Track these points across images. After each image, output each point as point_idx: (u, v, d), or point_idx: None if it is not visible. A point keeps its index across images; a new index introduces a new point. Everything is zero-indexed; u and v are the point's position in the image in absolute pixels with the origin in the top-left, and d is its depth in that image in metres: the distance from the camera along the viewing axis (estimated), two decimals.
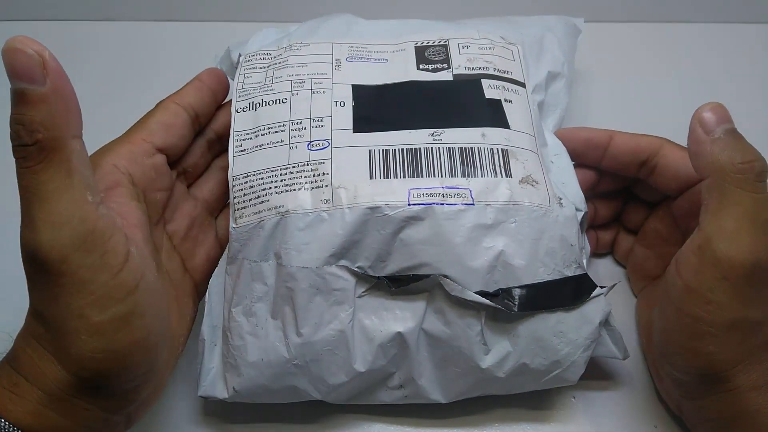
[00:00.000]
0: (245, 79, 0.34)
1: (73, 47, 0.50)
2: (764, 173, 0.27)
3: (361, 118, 0.32)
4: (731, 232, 0.26)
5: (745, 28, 0.52)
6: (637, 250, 0.36)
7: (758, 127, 0.46)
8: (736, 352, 0.27)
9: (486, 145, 0.31)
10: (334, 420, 0.33)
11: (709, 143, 0.27)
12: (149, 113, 0.31)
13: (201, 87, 0.33)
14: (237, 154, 0.31)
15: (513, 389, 0.31)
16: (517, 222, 0.29)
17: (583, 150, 0.34)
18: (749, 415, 0.27)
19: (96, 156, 0.28)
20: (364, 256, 0.29)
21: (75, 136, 0.24)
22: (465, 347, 0.29)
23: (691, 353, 0.27)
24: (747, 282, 0.26)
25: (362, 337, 0.29)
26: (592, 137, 0.34)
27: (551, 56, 0.37)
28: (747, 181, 0.26)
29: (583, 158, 0.35)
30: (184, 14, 0.52)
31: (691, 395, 0.30)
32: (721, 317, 0.26)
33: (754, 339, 0.27)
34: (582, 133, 0.34)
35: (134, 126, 0.30)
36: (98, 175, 0.27)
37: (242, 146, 0.31)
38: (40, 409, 0.24)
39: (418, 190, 0.29)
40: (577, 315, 0.30)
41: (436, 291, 0.29)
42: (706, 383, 0.28)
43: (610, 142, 0.34)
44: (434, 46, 0.35)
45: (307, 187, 0.29)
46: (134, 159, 0.29)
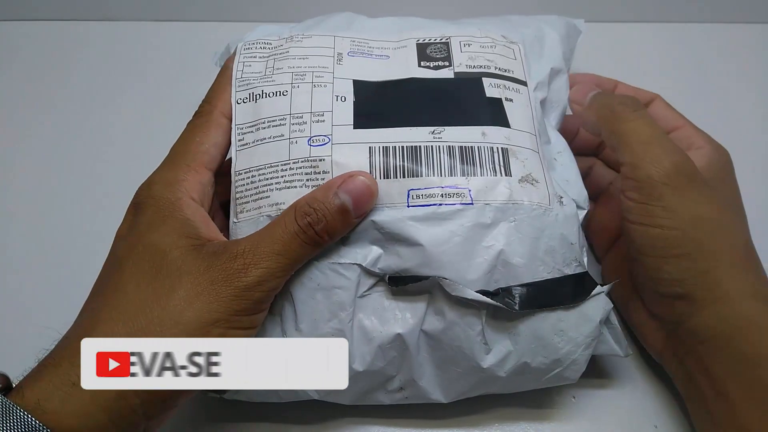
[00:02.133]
0: (244, 67, 0.33)
1: (73, 47, 0.50)
2: (636, 102, 0.33)
3: (361, 114, 0.31)
4: (644, 153, 0.30)
5: (745, 28, 0.52)
6: (600, 213, 0.38)
7: (758, 127, 0.46)
8: (713, 250, 0.29)
9: (486, 143, 0.30)
10: (333, 421, 0.33)
11: (586, 109, 0.34)
12: (203, 128, 0.31)
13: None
14: (240, 149, 0.31)
15: (514, 388, 0.31)
16: (516, 221, 0.29)
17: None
18: (753, 323, 0.28)
19: (173, 191, 0.28)
20: (363, 255, 0.29)
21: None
22: (466, 347, 0.29)
23: (672, 259, 0.30)
24: (685, 182, 0.30)
25: (362, 337, 0.29)
26: (602, 81, 0.38)
27: (553, 53, 0.37)
28: (628, 113, 0.32)
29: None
30: (184, 14, 0.52)
31: (683, 316, 0.30)
32: (681, 217, 0.29)
33: (729, 239, 0.30)
34: (593, 77, 0.39)
35: (191, 144, 0.30)
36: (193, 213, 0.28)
37: (244, 140, 0.31)
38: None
39: (418, 191, 0.29)
40: (577, 313, 0.30)
41: (437, 291, 0.29)
42: (697, 295, 0.29)
43: (615, 88, 0.38)
44: (436, 44, 0.35)
45: (308, 185, 0.29)
46: (203, 191, 0.29)
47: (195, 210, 0.28)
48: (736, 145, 0.35)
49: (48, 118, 0.47)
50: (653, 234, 0.30)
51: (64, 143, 0.45)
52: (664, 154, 0.30)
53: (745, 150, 0.32)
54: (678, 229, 0.29)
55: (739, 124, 0.46)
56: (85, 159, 0.44)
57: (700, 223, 0.29)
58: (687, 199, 0.30)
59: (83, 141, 0.45)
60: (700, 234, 0.29)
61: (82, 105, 0.47)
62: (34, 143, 0.46)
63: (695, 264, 0.29)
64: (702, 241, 0.29)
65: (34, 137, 0.46)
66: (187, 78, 0.47)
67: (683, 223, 0.29)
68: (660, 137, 0.31)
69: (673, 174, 0.30)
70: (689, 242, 0.29)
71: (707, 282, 0.29)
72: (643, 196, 0.30)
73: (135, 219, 0.28)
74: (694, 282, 0.29)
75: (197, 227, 0.27)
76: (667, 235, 0.29)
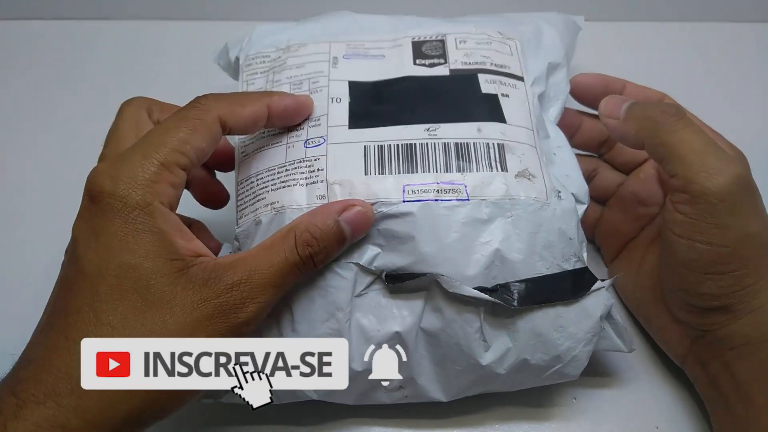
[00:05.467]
0: (248, 86, 0.34)
1: (73, 46, 0.51)
2: (679, 108, 0.31)
3: (356, 114, 0.31)
4: (699, 165, 0.28)
5: (745, 28, 0.51)
6: (610, 216, 0.37)
7: (758, 127, 0.46)
8: (758, 266, 0.28)
9: (482, 139, 0.30)
10: (333, 421, 0.33)
11: (623, 122, 0.31)
12: (192, 126, 0.26)
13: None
14: (242, 159, 0.32)
15: (514, 386, 0.31)
16: (513, 216, 0.29)
17: (601, 92, 0.35)
18: None
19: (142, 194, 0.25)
20: (359, 253, 0.29)
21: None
22: (464, 344, 0.29)
23: (716, 276, 0.28)
24: (739, 197, 0.28)
25: (359, 336, 0.29)
26: (611, 82, 0.36)
27: (551, 48, 0.36)
28: (674, 122, 0.29)
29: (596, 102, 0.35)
30: (184, 13, 0.52)
31: (715, 326, 0.30)
32: (732, 235, 0.28)
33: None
34: (601, 77, 0.37)
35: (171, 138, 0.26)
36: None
37: (245, 151, 0.32)
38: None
39: (413, 186, 0.29)
40: (577, 309, 0.29)
41: (434, 289, 0.29)
42: (735, 307, 0.29)
43: (624, 88, 0.36)
44: (431, 41, 0.35)
45: (303, 183, 0.29)
46: (175, 195, 0.26)
47: (168, 219, 0.25)
48: (737, 145, 0.35)
49: (48, 118, 0.47)
50: (700, 249, 0.28)
51: (64, 143, 0.45)
52: (720, 166, 0.28)
53: (746, 150, 0.31)
54: (728, 246, 0.28)
55: (739, 124, 0.45)
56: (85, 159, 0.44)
57: (749, 241, 0.28)
58: (740, 215, 0.28)
59: (83, 141, 0.45)
60: (748, 251, 0.28)
61: (83, 104, 0.48)
62: (34, 143, 0.46)
63: (739, 281, 0.28)
64: (749, 258, 0.28)
65: (35, 137, 0.46)
66: (188, 77, 0.48)
67: (733, 241, 0.28)
68: (713, 147, 0.29)
69: (730, 190, 0.28)
70: (737, 260, 0.28)
71: (747, 295, 0.28)
72: (695, 211, 0.28)
73: (97, 223, 0.25)
74: (733, 297, 0.29)
75: (174, 242, 0.25)
76: (716, 252, 0.28)
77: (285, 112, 0.30)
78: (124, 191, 0.25)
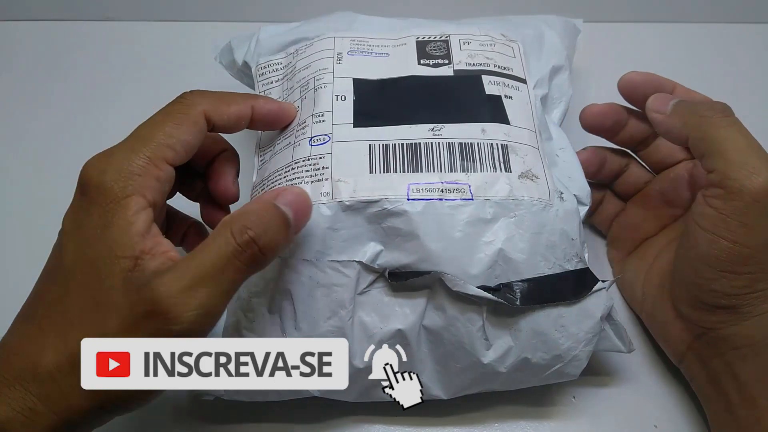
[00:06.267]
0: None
1: (73, 47, 0.50)
2: (726, 107, 0.30)
3: (361, 112, 0.32)
4: (741, 162, 0.28)
5: (745, 28, 0.52)
6: (633, 212, 0.38)
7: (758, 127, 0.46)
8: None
9: (486, 140, 0.30)
10: (333, 420, 0.33)
11: (670, 117, 0.31)
12: (178, 120, 0.27)
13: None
14: (259, 167, 0.33)
15: (514, 384, 0.31)
16: (516, 216, 0.29)
17: (651, 91, 0.34)
18: None
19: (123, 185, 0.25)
20: (362, 252, 0.29)
21: None
22: (466, 342, 0.29)
23: (731, 275, 0.28)
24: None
25: (362, 334, 0.29)
26: (662, 82, 0.35)
27: (553, 50, 0.37)
28: (721, 119, 0.29)
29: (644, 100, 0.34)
30: (184, 14, 0.52)
31: (720, 324, 0.30)
32: (757, 237, 0.28)
33: None
34: (653, 77, 0.36)
35: (158, 132, 0.26)
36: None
37: (263, 158, 0.33)
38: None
39: (418, 185, 0.29)
40: (578, 309, 0.29)
41: (437, 287, 0.29)
42: (744, 309, 0.29)
43: (674, 89, 0.35)
44: (435, 42, 0.35)
45: (308, 181, 0.29)
46: (158, 188, 0.26)
47: (139, 212, 0.25)
48: None
49: (47, 118, 0.47)
50: (722, 246, 0.28)
51: (64, 143, 0.45)
52: (762, 167, 0.28)
53: None
54: (750, 248, 0.28)
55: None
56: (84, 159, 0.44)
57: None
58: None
59: (82, 141, 0.45)
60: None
61: (82, 105, 0.47)
62: (33, 143, 0.46)
63: (753, 284, 0.28)
64: (767, 263, 0.28)
65: (34, 137, 0.46)
66: (187, 78, 0.47)
67: (757, 243, 0.28)
68: (757, 147, 0.29)
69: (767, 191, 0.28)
70: (756, 263, 0.28)
71: (757, 299, 0.29)
72: (727, 207, 0.28)
73: (82, 214, 0.25)
74: (743, 298, 0.29)
75: (133, 237, 0.24)
76: (737, 252, 0.28)
77: (268, 115, 0.31)
78: (109, 183, 0.25)
